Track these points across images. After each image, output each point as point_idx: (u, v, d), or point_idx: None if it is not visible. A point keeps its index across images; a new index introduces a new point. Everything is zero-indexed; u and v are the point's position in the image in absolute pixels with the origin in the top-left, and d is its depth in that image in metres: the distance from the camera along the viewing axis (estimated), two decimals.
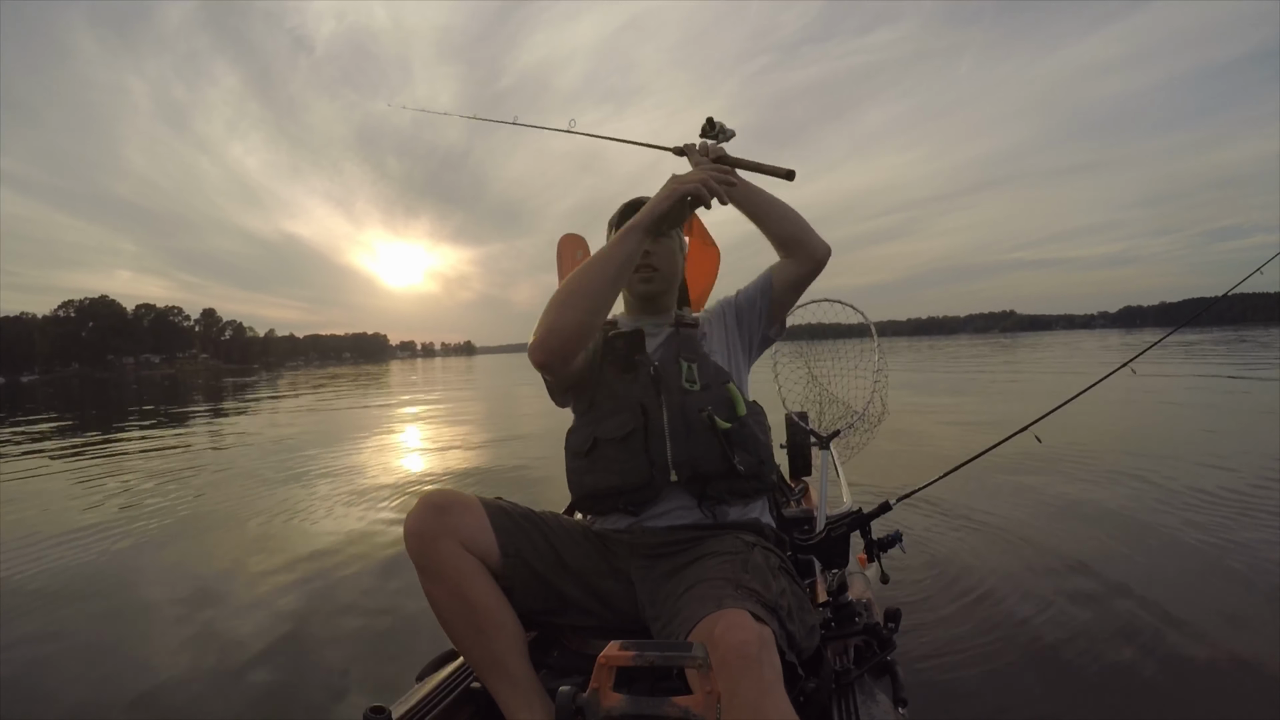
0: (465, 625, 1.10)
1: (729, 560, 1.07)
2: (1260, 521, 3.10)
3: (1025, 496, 3.73)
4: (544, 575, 1.17)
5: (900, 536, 1.60)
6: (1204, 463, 4.32)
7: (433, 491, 1.16)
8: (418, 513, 1.11)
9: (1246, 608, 2.23)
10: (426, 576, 1.11)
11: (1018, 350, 29.00)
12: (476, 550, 1.12)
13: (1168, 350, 16.38)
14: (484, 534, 1.13)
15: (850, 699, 1.17)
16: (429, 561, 1.09)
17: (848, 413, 2.48)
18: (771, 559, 1.13)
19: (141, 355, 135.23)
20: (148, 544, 3.80)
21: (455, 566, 1.09)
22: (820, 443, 2.30)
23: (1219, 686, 1.79)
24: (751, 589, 0.99)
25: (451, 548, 1.09)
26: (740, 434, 1.21)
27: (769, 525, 1.25)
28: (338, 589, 2.89)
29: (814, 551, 1.49)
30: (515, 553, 1.15)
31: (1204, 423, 6.10)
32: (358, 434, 8.79)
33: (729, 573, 1.03)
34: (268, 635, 2.42)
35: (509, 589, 1.14)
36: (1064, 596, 2.37)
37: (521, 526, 1.18)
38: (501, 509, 1.19)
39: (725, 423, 1.21)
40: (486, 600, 1.10)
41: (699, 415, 1.21)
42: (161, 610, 2.79)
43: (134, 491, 5.35)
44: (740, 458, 1.20)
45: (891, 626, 1.36)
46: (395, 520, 3.98)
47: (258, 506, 4.58)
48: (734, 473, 1.20)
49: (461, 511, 1.13)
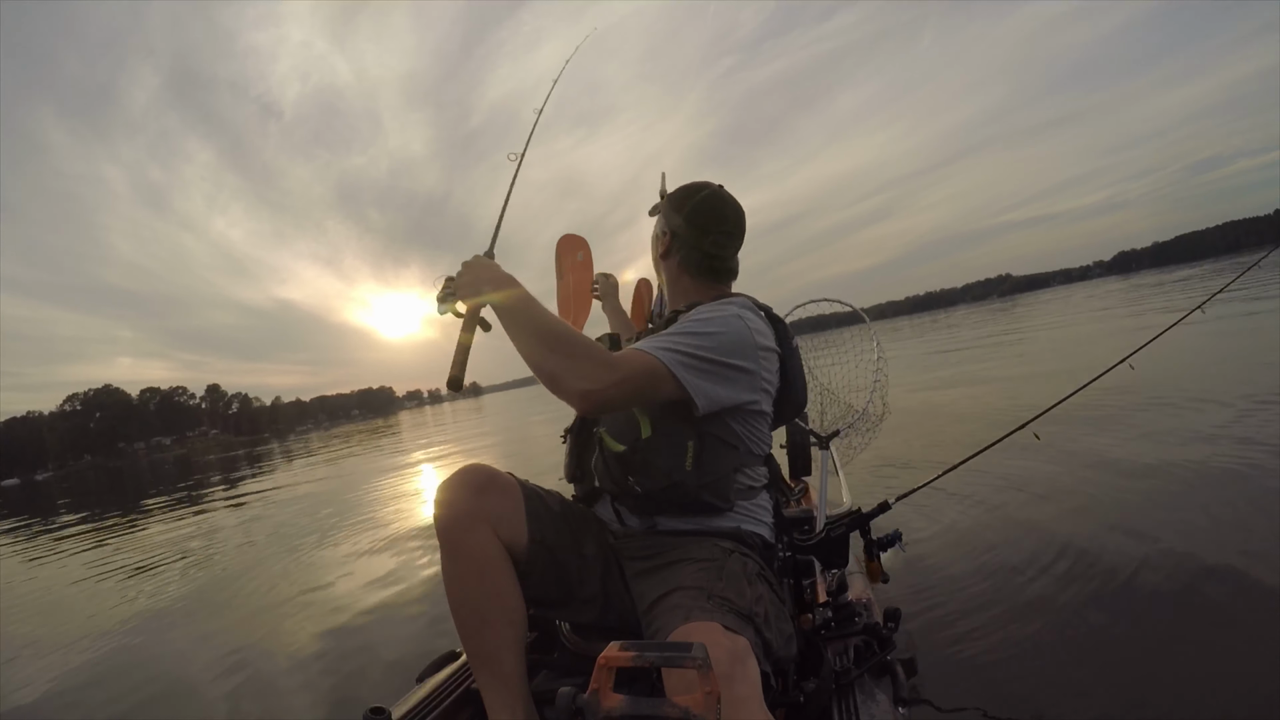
0: (473, 612, 1.07)
1: (704, 568, 1.06)
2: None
3: (1028, 492, 3.73)
4: (563, 563, 1.16)
5: (900, 536, 1.60)
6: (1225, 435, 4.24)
7: (470, 468, 1.12)
8: (454, 489, 1.09)
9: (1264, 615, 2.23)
10: (449, 554, 1.08)
11: (1014, 314, 28.97)
12: (505, 533, 1.10)
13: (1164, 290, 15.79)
14: (516, 517, 1.12)
15: (850, 699, 1.18)
16: (456, 541, 1.07)
17: (848, 412, 2.48)
18: (749, 565, 1.11)
19: (152, 439, 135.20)
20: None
21: (482, 551, 1.07)
22: (820, 443, 2.30)
23: (1220, 687, 1.79)
24: (724, 598, 0.98)
25: (482, 532, 1.08)
26: (631, 459, 1.16)
27: (753, 532, 1.21)
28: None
29: (814, 551, 1.49)
30: (541, 539, 1.13)
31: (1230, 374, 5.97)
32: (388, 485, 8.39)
33: (703, 581, 1.02)
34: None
35: (526, 574, 1.12)
36: (1066, 595, 2.37)
37: (552, 511, 1.18)
38: (537, 493, 1.18)
39: (618, 445, 1.19)
40: (502, 591, 1.09)
41: (593, 432, 1.28)
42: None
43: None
44: (637, 480, 1.17)
45: (891, 626, 1.36)
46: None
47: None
48: (653, 493, 1.17)
49: (498, 493, 1.11)
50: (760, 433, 1.22)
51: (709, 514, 1.17)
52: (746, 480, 1.21)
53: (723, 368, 1.10)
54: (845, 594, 1.44)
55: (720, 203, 1.28)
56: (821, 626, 1.39)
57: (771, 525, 1.28)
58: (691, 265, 1.28)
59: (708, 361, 1.08)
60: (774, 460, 1.34)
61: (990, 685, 1.85)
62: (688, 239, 1.26)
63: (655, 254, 1.35)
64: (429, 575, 3.64)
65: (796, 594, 1.48)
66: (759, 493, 1.25)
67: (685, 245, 1.27)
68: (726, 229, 1.27)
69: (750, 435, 1.19)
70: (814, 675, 1.21)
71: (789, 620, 1.13)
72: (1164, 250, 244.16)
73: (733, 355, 1.11)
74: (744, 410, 1.16)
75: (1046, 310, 24.25)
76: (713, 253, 1.26)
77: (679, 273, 1.30)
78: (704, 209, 1.27)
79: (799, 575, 1.47)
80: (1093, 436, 4.65)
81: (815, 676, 1.20)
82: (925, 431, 5.71)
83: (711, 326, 1.11)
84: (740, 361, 1.12)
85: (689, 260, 1.28)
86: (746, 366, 1.13)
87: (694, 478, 1.12)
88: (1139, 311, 11.25)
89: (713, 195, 1.28)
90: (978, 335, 17.54)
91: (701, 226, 1.26)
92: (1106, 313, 16.04)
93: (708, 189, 1.30)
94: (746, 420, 1.18)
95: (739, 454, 1.18)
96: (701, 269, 1.28)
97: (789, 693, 1.16)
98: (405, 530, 5.01)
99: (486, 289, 1.10)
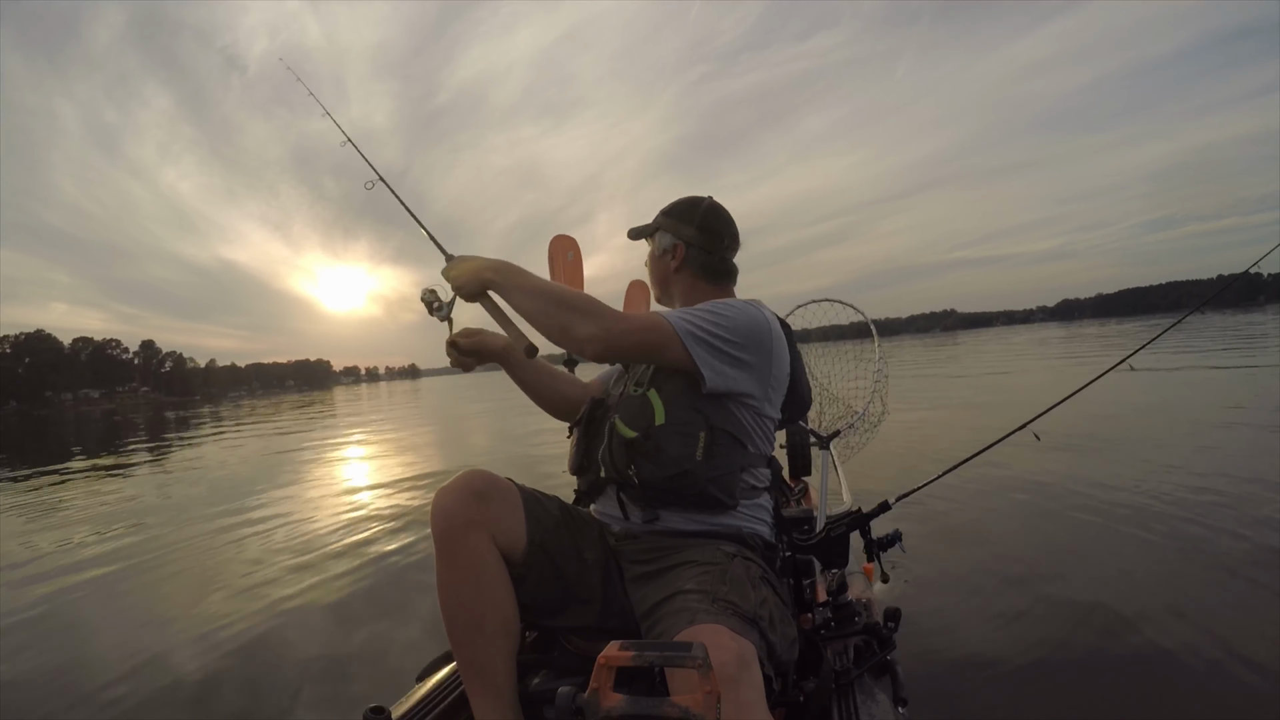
0: (467, 620, 1.07)
1: (707, 571, 1.05)
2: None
3: (1026, 492, 3.73)
4: (561, 568, 1.15)
5: (900, 536, 1.60)
6: (1193, 457, 4.31)
7: (472, 474, 1.12)
8: (455, 494, 1.08)
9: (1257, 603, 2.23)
10: (445, 561, 1.07)
11: (955, 348, 29.87)
12: (504, 540, 1.10)
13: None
14: (515, 522, 1.12)
15: (850, 699, 1.18)
16: (454, 548, 1.07)
17: (848, 413, 2.48)
18: (753, 569, 1.10)
19: (80, 391, 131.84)
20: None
21: (481, 559, 1.07)
22: (820, 443, 2.30)
23: (1221, 687, 1.79)
24: (729, 601, 0.97)
25: (482, 541, 1.07)
26: (644, 445, 1.15)
27: (755, 534, 1.21)
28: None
29: (814, 551, 1.49)
30: (540, 542, 1.13)
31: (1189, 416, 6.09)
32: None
33: (707, 584, 1.01)
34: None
35: (522, 578, 1.12)
36: (1066, 594, 2.37)
37: (552, 515, 1.18)
38: (536, 497, 1.18)
39: (630, 431, 1.17)
40: (497, 600, 1.08)
41: (608, 419, 1.24)
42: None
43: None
44: (641, 467, 1.16)
45: (891, 626, 1.36)
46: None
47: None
48: (658, 479, 1.15)
49: (500, 500, 1.11)
50: (767, 434, 1.24)
51: (712, 510, 1.17)
52: (751, 480, 1.22)
53: (734, 348, 1.14)
54: (845, 594, 1.44)
55: (724, 211, 1.36)
56: (821, 626, 1.39)
57: (772, 526, 1.28)
58: (709, 271, 1.33)
59: (720, 339, 1.13)
60: (776, 462, 1.34)
61: (990, 685, 1.85)
62: (704, 246, 1.32)
63: (662, 270, 1.37)
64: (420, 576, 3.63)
65: (796, 594, 1.48)
66: (761, 493, 1.25)
67: (701, 253, 1.32)
68: (733, 233, 1.35)
69: (759, 435, 1.21)
70: (814, 675, 1.21)
71: (792, 623, 1.12)
72: (1107, 302, 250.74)
73: (746, 339, 1.15)
74: (754, 408, 1.18)
75: (987, 350, 24.55)
76: (725, 257, 1.34)
77: (694, 281, 1.34)
78: (713, 217, 1.33)
79: (799, 575, 1.47)
80: (1093, 436, 4.66)
81: (815, 676, 1.20)
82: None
83: (729, 311, 1.16)
84: (753, 348, 1.15)
85: (707, 267, 1.33)
86: (758, 356, 1.16)
87: (703, 469, 1.13)
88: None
89: (716, 205, 1.36)
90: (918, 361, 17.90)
91: (716, 233, 1.32)
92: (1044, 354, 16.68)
93: (708, 200, 1.36)
94: (757, 419, 1.19)
95: (747, 452, 1.19)
96: (718, 273, 1.34)
97: (789, 693, 1.16)
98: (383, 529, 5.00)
99: (487, 273, 1.19)
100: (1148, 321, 41.52)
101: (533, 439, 8.76)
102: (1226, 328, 21.52)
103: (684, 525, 1.18)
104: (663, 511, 1.19)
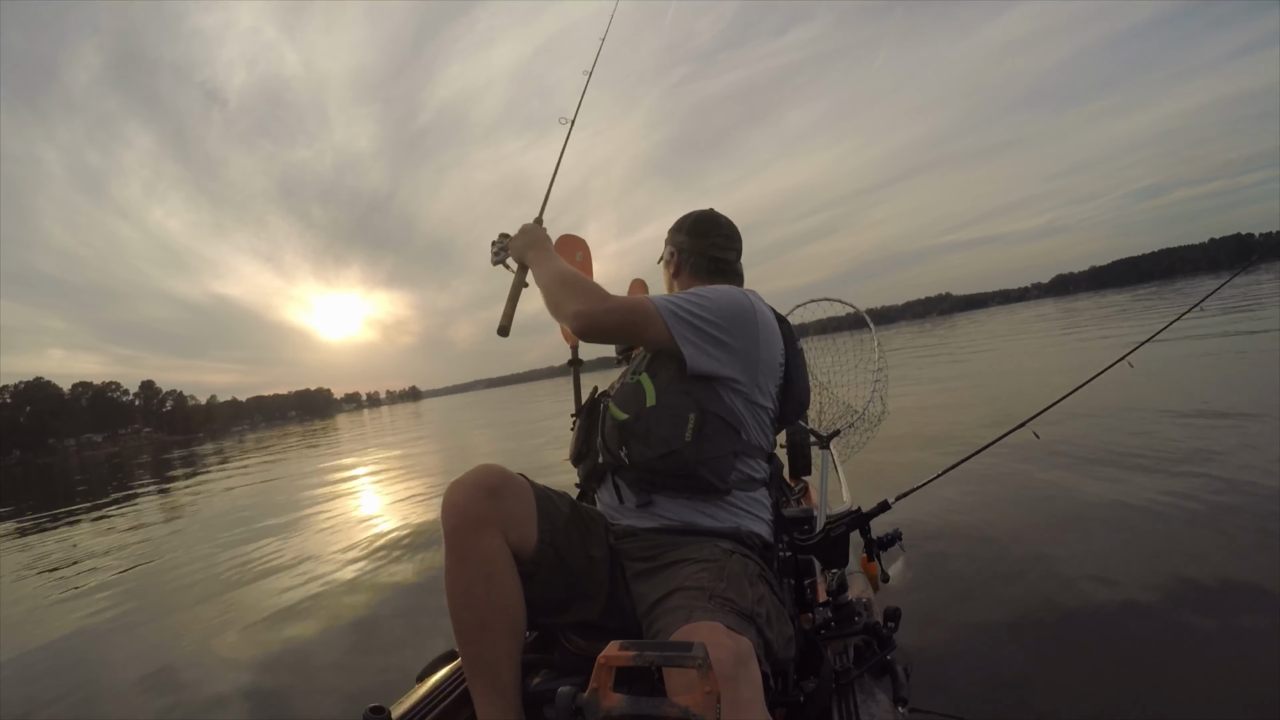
0: (474, 618, 1.06)
1: (705, 568, 1.06)
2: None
3: (1027, 490, 3.73)
4: (569, 566, 1.15)
5: (900, 535, 1.60)
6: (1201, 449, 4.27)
7: (486, 469, 1.11)
8: (468, 490, 1.07)
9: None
10: (455, 558, 1.06)
11: (953, 330, 30.21)
12: (515, 537, 1.09)
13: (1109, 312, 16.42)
14: (527, 519, 1.11)
15: (850, 698, 1.18)
16: (465, 545, 1.06)
17: (848, 412, 2.48)
18: (750, 566, 1.11)
19: (83, 435, 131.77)
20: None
21: (491, 557, 1.06)
22: (820, 442, 2.30)
23: (1224, 690, 1.79)
24: (726, 598, 0.98)
25: (493, 538, 1.06)
26: (634, 426, 1.19)
27: (752, 532, 1.22)
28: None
29: (814, 551, 1.49)
30: (550, 541, 1.13)
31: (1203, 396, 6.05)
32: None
33: (704, 581, 1.02)
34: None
35: (530, 575, 1.11)
36: (1066, 594, 2.37)
37: (563, 514, 1.18)
38: (548, 494, 1.19)
39: (621, 413, 1.22)
40: (506, 598, 1.07)
41: (602, 402, 1.32)
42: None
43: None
44: (632, 449, 1.19)
45: (891, 626, 1.36)
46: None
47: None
48: (647, 459, 1.17)
49: (513, 496, 1.11)
50: (762, 424, 1.25)
51: (706, 494, 1.18)
52: (746, 469, 1.22)
53: (715, 328, 1.18)
54: (845, 593, 1.44)
55: (713, 214, 1.47)
56: (821, 626, 1.39)
57: (771, 524, 1.28)
58: (701, 270, 1.42)
59: (700, 319, 1.18)
60: (777, 459, 1.34)
61: (990, 684, 1.85)
62: (692, 248, 1.43)
63: (666, 277, 1.50)
64: (422, 577, 3.64)
65: (797, 593, 1.49)
66: (759, 486, 1.26)
67: (691, 254, 1.43)
68: (723, 232, 1.44)
69: (752, 423, 1.22)
70: (814, 675, 1.21)
71: (789, 622, 1.13)
72: (1100, 275, 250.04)
73: (729, 321, 1.19)
74: (743, 394, 1.21)
75: (976, 330, 24.64)
76: (715, 255, 1.42)
77: (690, 280, 1.43)
78: (699, 220, 1.46)
79: (799, 575, 1.48)
80: (1093, 436, 4.65)
81: (815, 676, 1.20)
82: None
83: (710, 293, 1.23)
84: (735, 330, 1.19)
85: (698, 266, 1.42)
86: (740, 338, 1.19)
87: (692, 451, 1.15)
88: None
89: (706, 212, 1.47)
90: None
91: (701, 233, 1.43)
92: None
93: (703, 210, 1.48)
94: (749, 406, 1.22)
95: (740, 439, 1.20)
96: (710, 271, 1.42)
97: (789, 692, 1.16)
98: (393, 538, 5.01)
99: (530, 251, 1.37)
100: (1143, 291, 41.57)
101: (533, 439, 8.76)
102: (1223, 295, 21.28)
103: (680, 513, 1.19)
104: (657, 496, 1.20)
